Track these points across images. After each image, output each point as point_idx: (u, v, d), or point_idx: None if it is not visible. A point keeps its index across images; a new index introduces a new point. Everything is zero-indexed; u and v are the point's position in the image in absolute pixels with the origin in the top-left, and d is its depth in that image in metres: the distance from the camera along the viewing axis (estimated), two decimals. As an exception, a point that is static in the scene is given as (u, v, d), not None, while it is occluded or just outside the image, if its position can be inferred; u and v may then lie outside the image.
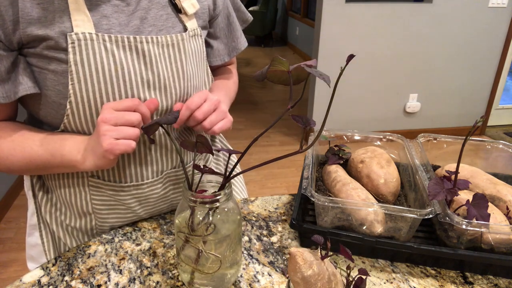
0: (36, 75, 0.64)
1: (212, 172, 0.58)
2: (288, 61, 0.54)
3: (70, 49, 0.61)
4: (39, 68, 0.64)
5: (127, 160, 0.72)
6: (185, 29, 0.73)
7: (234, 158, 1.03)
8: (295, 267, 0.56)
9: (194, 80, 0.74)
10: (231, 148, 0.90)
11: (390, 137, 0.90)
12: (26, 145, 0.66)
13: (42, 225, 0.82)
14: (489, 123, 3.49)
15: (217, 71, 0.94)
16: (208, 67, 0.81)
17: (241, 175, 0.96)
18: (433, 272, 0.70)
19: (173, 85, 0.71)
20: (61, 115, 0.66)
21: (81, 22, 0.62)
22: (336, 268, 0.59)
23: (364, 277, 0.56)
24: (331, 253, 0.56)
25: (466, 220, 0.64)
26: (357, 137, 0.92)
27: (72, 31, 0.61)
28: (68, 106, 0.64)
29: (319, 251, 0.59)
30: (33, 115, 0.71)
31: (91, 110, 0.65)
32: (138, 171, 0.74)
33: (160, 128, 0.72)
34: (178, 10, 0.72)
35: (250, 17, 0.92)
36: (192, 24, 0.74)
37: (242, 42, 0.90)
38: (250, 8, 6.34)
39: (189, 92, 0.74)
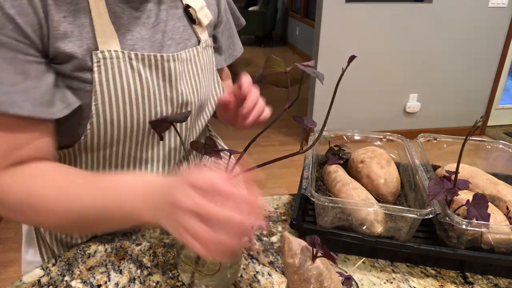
0: None
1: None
2: (282, 60, 0.54)
3: (95, 69, 0.58)
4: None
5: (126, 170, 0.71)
6: (199, 40, 0.72)
7: (233, 158, 1.03)
8: (283, 250, 0.55)
9: (207, 92, 0.74)
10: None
11: (390, 137, 0.90)
12: (74, 194, 0.54)
13: (41, 241, 0.80)
14: (489, 123, 3.49)
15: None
16: (218, 77, 0.80)
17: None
18: (433, 272, 0.70)
19: (192, 100, 0.70)
20: (79, 135, 0.62)
21: (106, 38, 0.59)
22: (332, 269, 0.58)
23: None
24: (320, 255, 0.55)
25: (466, 220, 0.64)
26: (357, 137, 0.92)
27: (97, 48, 0.58)
28: (88, 127, 0.60)
29: (312, 250, 0.59)
30: None
31: (112, 130, 0.62)
32: None
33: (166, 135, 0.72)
34: (192, 21, 0.71)
35: (243, 21, 0.91)
36: (204, 36, 0.73)
37: (239, 48, 0.89)
38: (250, 8, 6.34)
39: (203, 105, 0.74)
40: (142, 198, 0.50)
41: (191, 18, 0.70)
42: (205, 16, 0.72)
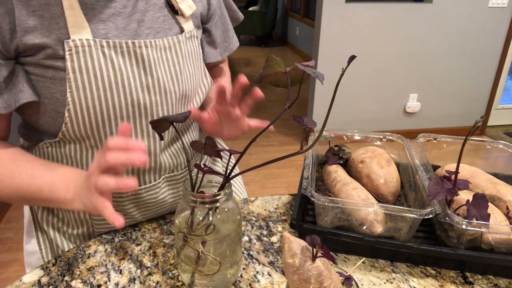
0: (33, 83, 0.63)
1: (212, 172, 0.59)
2: (283, 60, 0.54)
3: (67, 57, 0.61)
4: (36, 76, 0.63)
5: None
6: (182, 30, 0.73)
7: (233, 158, 1.03)
8: (283, 250, 0.56)
9: (191, 82, 0.74)
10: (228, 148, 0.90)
11: (390, 137, 0.90)
12: (16, 174, 0.63)
13: (39, 232, 0.81)
14: (489, 123, 3.49)
15: (210, 70, 0.94)
16: (205, 68, 0.81)
17: (240, 175, 0.96)
18: (433, 272, 0.70)
19: (172, 88, 0.70)
20: (60, 123, 0.65)
21: (78, 28, 0.61)
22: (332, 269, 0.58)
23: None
24: (320, 255, 0.55)
25: (466, 220, 0.64)
26: (357, 137, 0.92)
27: (69, 38, 0.60)
28: (66, 114, 0.63)
29: (312, 250, 0.59)
30: (31, 123, 0.70)
31: (90, 117, 0.64)
32: (136, 177, 0.73)
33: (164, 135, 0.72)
34: (174, 11, 0.72)
35: (241, 16, 0.92)
36: (188, 26, 0.74)
37: (234, 42, 0.90)
38: (250, 8, 6.33)
39: (187, 94, 0.74)
40: (69, 182, 0.63)
41: (173, 9, 0.72)
42: (188, 7, 0.73)
